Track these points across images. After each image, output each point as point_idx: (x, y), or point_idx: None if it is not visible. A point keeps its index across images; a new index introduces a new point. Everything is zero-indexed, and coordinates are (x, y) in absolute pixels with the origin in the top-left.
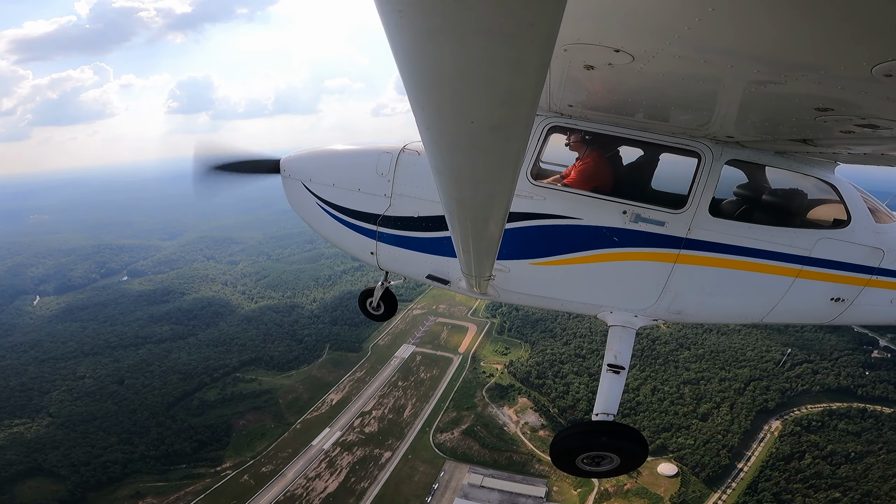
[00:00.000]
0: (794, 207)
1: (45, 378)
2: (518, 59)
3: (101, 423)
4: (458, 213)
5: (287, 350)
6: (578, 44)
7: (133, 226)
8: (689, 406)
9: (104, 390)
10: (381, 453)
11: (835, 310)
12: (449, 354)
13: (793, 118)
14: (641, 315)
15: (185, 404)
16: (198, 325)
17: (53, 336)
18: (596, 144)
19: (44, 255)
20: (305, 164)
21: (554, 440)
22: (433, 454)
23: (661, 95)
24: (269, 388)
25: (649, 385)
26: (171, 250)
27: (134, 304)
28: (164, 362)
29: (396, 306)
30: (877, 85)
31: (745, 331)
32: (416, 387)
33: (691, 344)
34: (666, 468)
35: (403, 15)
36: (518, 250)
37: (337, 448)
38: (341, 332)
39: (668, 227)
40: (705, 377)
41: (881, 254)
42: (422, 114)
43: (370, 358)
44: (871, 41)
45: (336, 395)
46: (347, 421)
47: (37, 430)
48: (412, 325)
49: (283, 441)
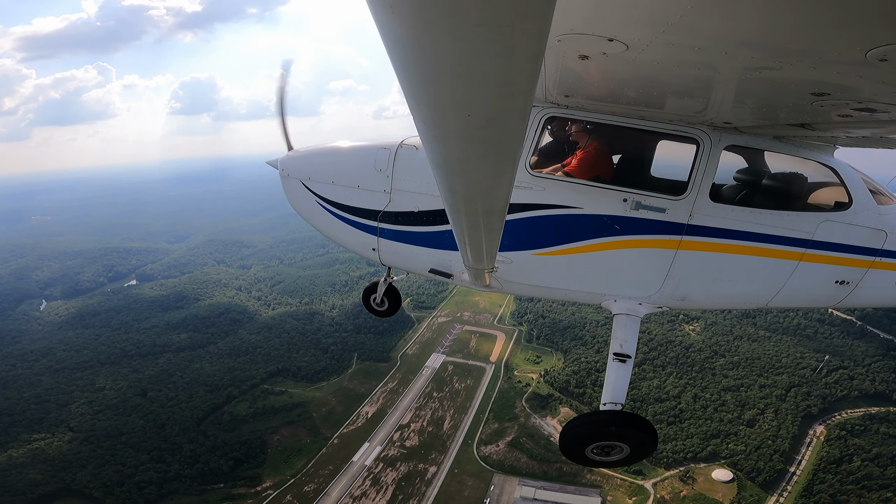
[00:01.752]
0: (795, 191)
1: (61, 389)
2: (512, 50)
3: (128, 439)
4: (458, 206)
5: (314, 360)
6: (572, 34)
7: (139, 228)
8: (734, 413)
9: (127, 403)
10: (425, 468)
11: (840, 292)
12: (481, 364)
13: (789, 103)
14: (646, 303)
15: (214, 418)
16: (216, 333)
17: (66, 344)
18: (594, 134)
19: (48, 258)
20: (304, 162)
21: (563, 431)
22: (479, 468)
23: (657, 83)
24: (301, 401)
25: (690, 392)
26: (180, 253)
27: (148, 311)
28: (186, 373)
29: (400, 302)
30: (872, 69)
31: (775, 338)
32: (452, 398)
33: (725, 351)
34: (721, 474)
35: (395, 10)
36: (520, 241)
37: (379, 464)
38: (367, 340)
39: (669, 213)
40: (745, 384)
41: (884, 235)
42: (418, 109)
43: (400, 368)
44: (864, 26)
45: (371, 408)
46: (386, 434)
47: (59, 446)
48: (439, 333)
49: (322, 457)
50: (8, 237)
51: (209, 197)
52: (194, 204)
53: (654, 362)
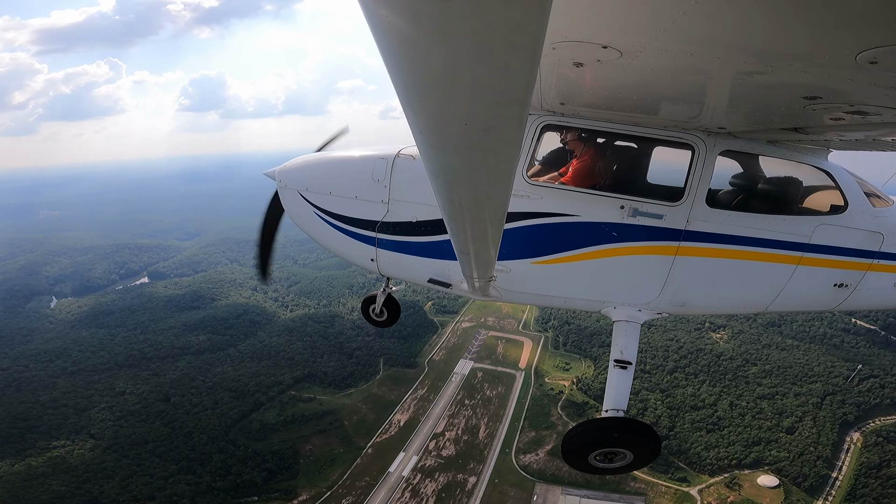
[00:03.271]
0: (791, 195)
1: (78, 393)
2: (508, 59)
3: (154, 448)
4: (455, 215)
5: (339, 365)
6: (566, 41)
7: (148, 225)
8: (772, 420)
9: (150, 409)
10: (465, 479)
11: (839, 295)
12: (510, 370)
13: (782, 107)
14: (645, 309)
15: (243, 426)
16: (236, 336)
17: (80, 344)
18: (590, 141)
19: (58, 254)
20: (301, 173)
21: (566, 438)
22: (520, 477)
23: (651, 89)
24: (331, 409)
25: (726, 400)
26: (192, 251)
27: (164, 310)
28: (208, 377)
29: (399, 312)
30: (862, 72)
31: (803, 346)
32: (485, 405)
33: (756, 360)
34: (766, 480)
35: (390, 20)
36: (518, 250)
37: (417, 474)
38: (391, 345)
39: (666, 219)
40: (779, 392)
41: (881, 237)
42: (415, 118)
43: (428, 374)
44: (854, 29)
45: (402, 416)
46: (421, 444)
47: (80, 455)
48: (464, 338)
49: (358, 468)
50: (16, 231)
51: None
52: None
53: (685, 370)
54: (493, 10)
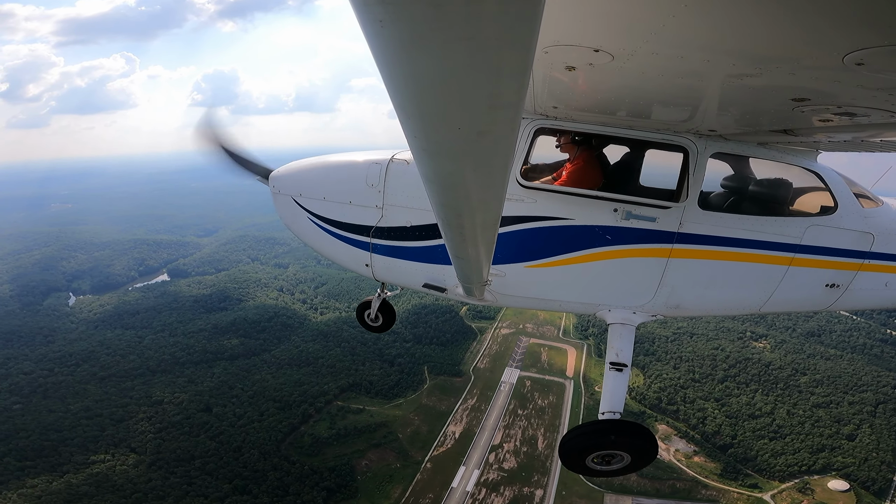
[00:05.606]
0: (781, 196)
1: (112, 401)
2: (500, 63)
3: (202, 464)
4: (450, 219)
5: (384, 374)
6: (558, 45)
7: (164, 220)
8: (831, 428)
9: (192, 420)
10: (531, 492)
11: (831, 296)
12: (558, 379)
13: (771, 109)
14: (640, 311)
15: (293, 440)
16: (269, 340)
17: (107, 347)
18: (583, 144)
19: (74, 248)
20: (294, 179)
21: (563, 441)
22: (588, 488)
23: (643, 92)
24: (383, 421)
25: (782, 409)
26: (211, 249)
27: (191, 311)
28: (248, 385)
29: (395, 317)
30: (850, 74)
31: (847, 356)
32: (539, 415)
33: (805, 369)
34: (837, 484)
35: (384, 25)
36: (513, 254)
37: (481, 489)
38: (432, 352)
39: (659, 222)
40: (833, 401)
41: (871, 238)
42: (408, 122)
43: (475, 383)
44: (841, 30)
45: (456, 427)
46: (480, 456)
47: (124, 472)
48: (504, 345)
49: (419, 484)
50: (29, 225)
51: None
52: (217, 197)
53: (735, 379)
54: (486, 15)
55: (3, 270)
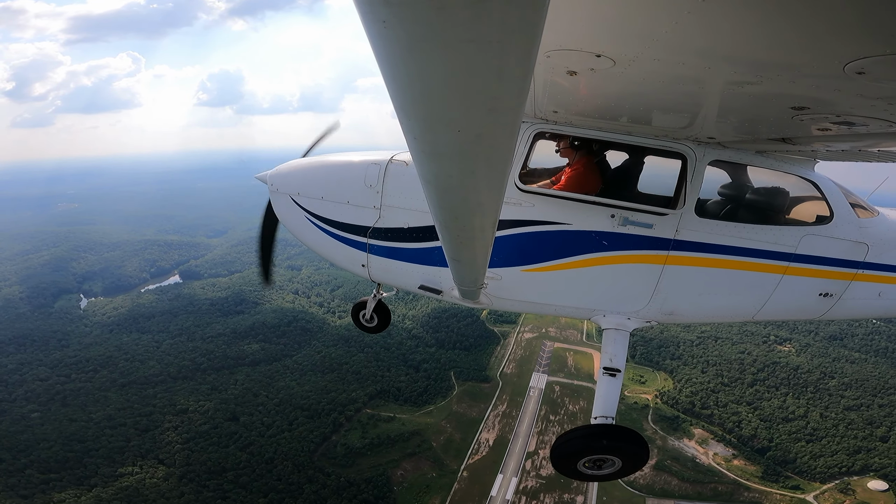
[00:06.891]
0: (778, 205)
1: (135, 410)
2: (502, 66)
3: (235, 477)
4: (447, 222)
5: (410, 380)
6: (561, 50)
7: (173, 220)
8: (865, 430)
9: (220, 430)
10: (572, 499)
11: (824, 305)
12: (587, 384)
13: (770, 118)
14: (634, 317)
15: (325, 450)
16: (289, 345)
17: (125, 352)
18: (582, 149)
19: (84, 249)
20: (293, 178)
21: (554, 445)
22: (628, 493)
23: (643, 98)
24: (416, 429)
25: (815, 412)
26: (223, 250)
27: (207, 315)
28: (272, 392)
29: (390, 318)
30: (850, 82)
31: (871, 360)
32: (571, 421)
33: (833, 373)
34: (876, 485)
35: (387, 25)
36: (509, 257)
37: (521, 497)
38: (457, 357)
39: (655, 229)
40: (864, 404)
41: (866, 248)
42: (408, 123)
43: (504, 389)
44: (841, 39)
45: (489, 434)
46: (517, 464)
47: (154, 485)
48: (529, 350)
49: (458, 494)
50: (37, 224)
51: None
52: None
53: (765, 383)
54: (489, 18)
55: (12, 271)
